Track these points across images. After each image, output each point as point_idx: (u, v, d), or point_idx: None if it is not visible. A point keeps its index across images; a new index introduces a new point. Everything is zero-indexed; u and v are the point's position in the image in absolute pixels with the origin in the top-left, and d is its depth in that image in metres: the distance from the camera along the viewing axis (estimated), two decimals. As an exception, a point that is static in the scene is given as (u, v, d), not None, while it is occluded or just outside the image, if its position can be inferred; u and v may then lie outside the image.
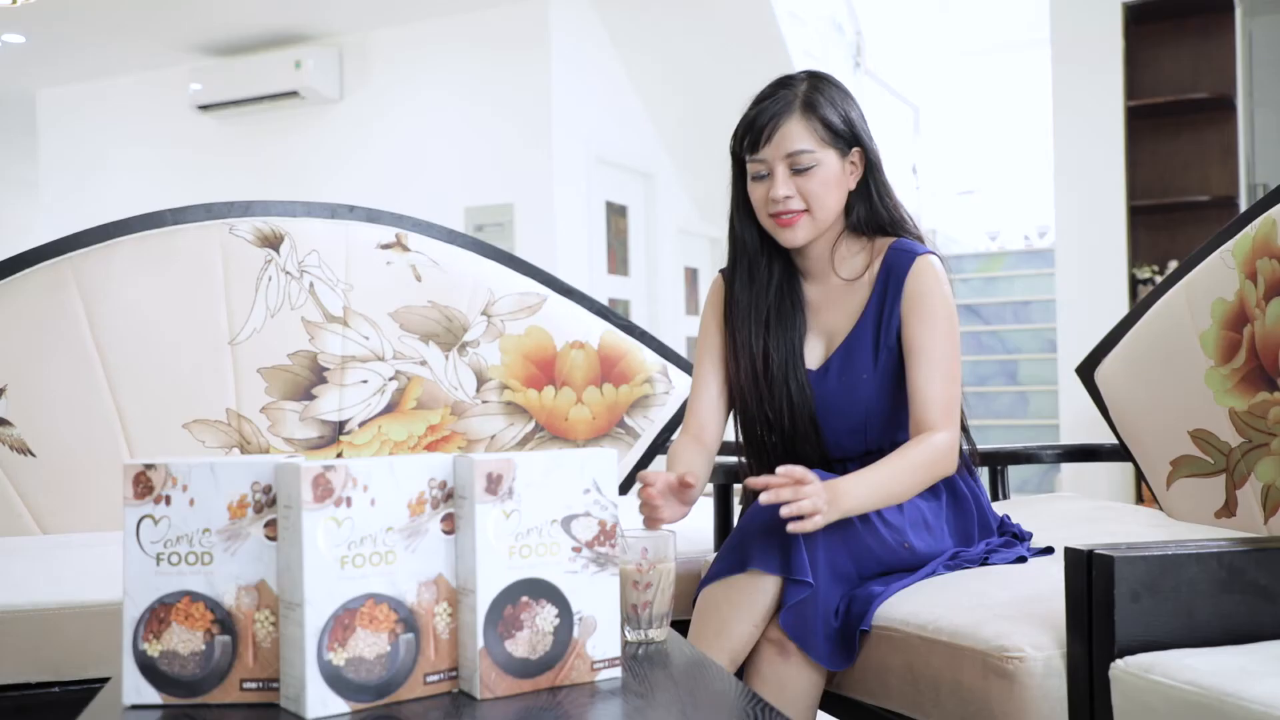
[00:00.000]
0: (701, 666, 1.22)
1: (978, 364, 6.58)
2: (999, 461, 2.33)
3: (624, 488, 2.78)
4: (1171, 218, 4.90)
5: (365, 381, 2.51)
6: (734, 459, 2.10)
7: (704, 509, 2.36)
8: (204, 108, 6.63)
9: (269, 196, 5.22)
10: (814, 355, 1.76)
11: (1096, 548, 1.24)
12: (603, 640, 1.15)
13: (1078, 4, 4.91)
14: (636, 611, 1.32)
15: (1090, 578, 1.23)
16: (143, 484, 1.08)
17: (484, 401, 2.60)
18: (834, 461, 1.77)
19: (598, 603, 1.15)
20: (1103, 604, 1.21)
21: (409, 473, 1.09)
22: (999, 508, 2.20)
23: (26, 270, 2.33)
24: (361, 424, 2.50)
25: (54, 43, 6.57)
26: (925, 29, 8.71)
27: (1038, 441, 5.04)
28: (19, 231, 8.30)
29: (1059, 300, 4.97)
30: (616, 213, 6.32)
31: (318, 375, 2.47)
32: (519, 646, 1.11)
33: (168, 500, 1.08)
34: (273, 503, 1.09)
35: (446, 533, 1.11)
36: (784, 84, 1.71)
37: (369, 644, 1.06)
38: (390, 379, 2.53)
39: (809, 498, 1.45)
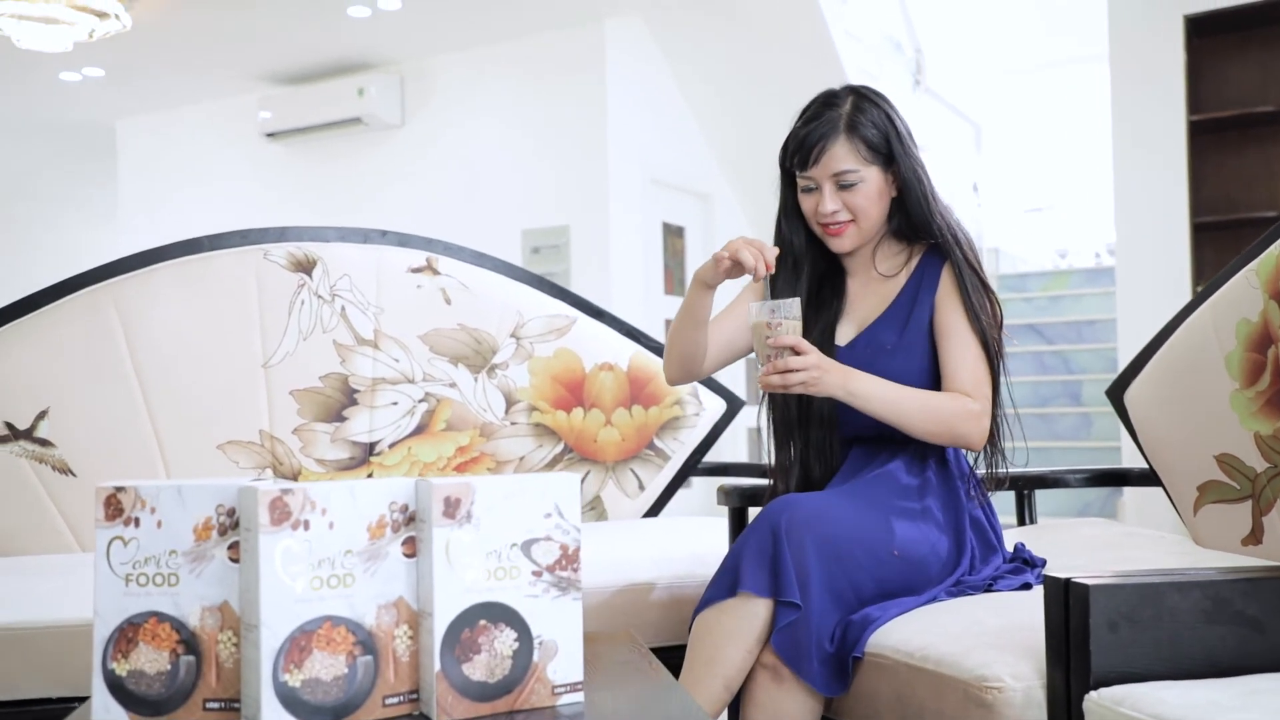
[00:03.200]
0: (667, 693, 1.22)
1: (1039, 385, 6.43)
2: (1025, 485, 2.28)
3: (655, 509, 2.78)
4: (1237, 235, 4.75)
5: (395, 403, 2.55)
6: (751, 481, 2.09)
7: (718, 532, 2.35)
8: (272, 135, 6.82)
9: (333, 219, 5.31)
10: (844, 335, 1.88)
11: (1075, 576, 1.21)
12: (564, 664, 1.15)
13: (1137, 17, 4.81)
14: (772, 356, 1.59)
15: (1068, 607, 1.20)
16: (113, 506, 1.11)
17: (513, 423, 2.62)
18: (845, 440, 1.83)
19: (559, 627, 1.15)
20: (1079, 634, 1.18)
21: (369, 497, 1.11)
22: (1024, 533, 2.16)
23: (69, 296, 2.41)
24: (391, 445, 2.53)
25: (131, 75, 6.81)
26: (985, 46, 8.59)
27: (1102, 464, 4.91)
28: (99, 255, 8.55)
29: (1120, 319, 4.86)
30: (674, 234, 6.33)
31: (349, 397, 2.52)
32: (476, 670, 1.11)
33: (136, 522, 1.11)
34: (236, 525, 1.11)
35: (408, 556, 1.13)
36: (829, 103, 1.81)
37: (326, 666, 1.08)
38: (420, 401, 2.56)
39: (803, 369, 1.60)
